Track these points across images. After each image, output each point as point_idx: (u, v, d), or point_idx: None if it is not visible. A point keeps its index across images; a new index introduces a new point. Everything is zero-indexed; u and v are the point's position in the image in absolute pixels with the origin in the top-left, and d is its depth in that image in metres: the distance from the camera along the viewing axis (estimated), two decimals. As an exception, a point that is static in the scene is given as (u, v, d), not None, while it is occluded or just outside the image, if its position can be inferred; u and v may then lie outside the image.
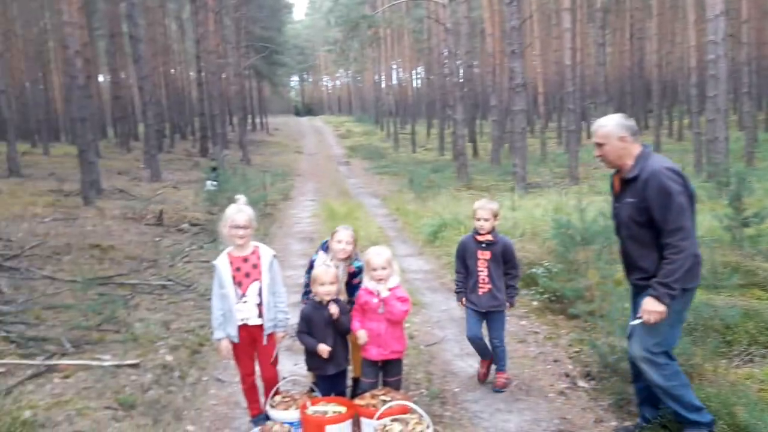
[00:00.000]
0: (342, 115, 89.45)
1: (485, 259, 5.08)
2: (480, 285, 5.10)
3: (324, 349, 4.31)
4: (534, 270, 7.88)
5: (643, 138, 22.53)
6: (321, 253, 4.91)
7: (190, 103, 47.70)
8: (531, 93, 37.12)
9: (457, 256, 5.27)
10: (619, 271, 7.60)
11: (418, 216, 13.29)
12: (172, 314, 6.93)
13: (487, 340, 5.28)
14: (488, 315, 5.15)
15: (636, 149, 3.92)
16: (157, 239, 11.08)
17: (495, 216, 5.10)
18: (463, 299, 5.24)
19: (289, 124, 62.99)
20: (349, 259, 4.83)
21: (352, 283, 4.81)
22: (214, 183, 14.43)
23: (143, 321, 6.51)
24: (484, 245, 5.07)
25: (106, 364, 5.29)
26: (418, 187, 17.49)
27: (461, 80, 24.64)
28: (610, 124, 3.95)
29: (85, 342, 5.86)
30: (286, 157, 33.99)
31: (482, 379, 5.31)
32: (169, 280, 8.33)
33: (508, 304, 5.18)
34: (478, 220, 5.07)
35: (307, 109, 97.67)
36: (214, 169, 15.89)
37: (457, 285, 5.31)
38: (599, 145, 3.99)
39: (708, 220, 10.32)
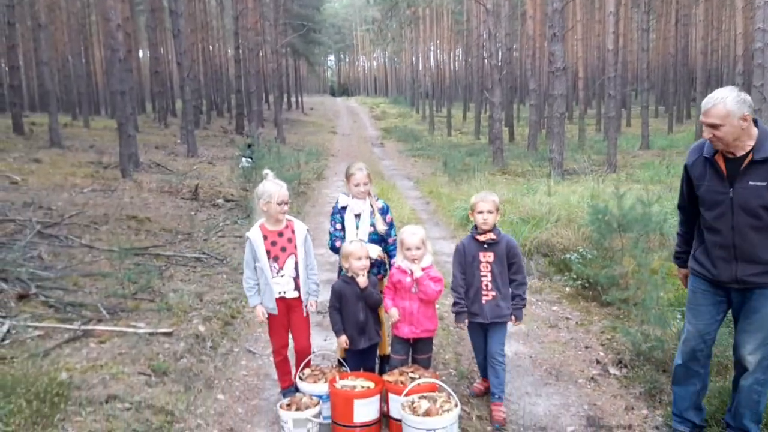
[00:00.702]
0: (377, 96, 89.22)
1: (488, 262, 4.42)
2: (483, 293, 4.41)
3: (342, 340, 4.40)
4: (568, 256, 7.80)
5: (686, 127, 22.05)
6: (342, 195, 4.90)
7: (227, 80, 48.06)
8: (571, 78, 36.55)
9: (456, 263, 4.52)
10: (655, 259, 7.54)
11: (452, 199, 13.21)
12: (206, 286, 7.02)
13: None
14: (489, 327, 4.48)
15: (753, 127, 3.45)
16: (193, 213, 11.21)
17: (497, 209, 4.46)
18: (466, 320, 4.49)
19: (325, 104, 63.07)
20: (369, 195, 4.85)
21: (386, 221, 4.84)
22: (249, 160, 14.52)
23: (177, 291, 6.61)
24: (486, 245, 4.42)
25: (140, 331, 5.39)
26: (452, 171, 17.36)
27: (500, 63, 24.31)
28: (730, 102, 3.36)
29: (120, 309, 5.98)
30: (320, 136, 34.06)
31: (479, 394, 4.73)
32: (204, 253, 8.43)
33: (513, 317, 4.48)
34: (480, 213, 4.39)
35: (343, 89, 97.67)
36: (249, 146, 15.98)
37: (457, 302, 4.47)
38: (714, 126, 3.39)
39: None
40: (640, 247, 6.84)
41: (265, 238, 4.40)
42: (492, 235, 4.41)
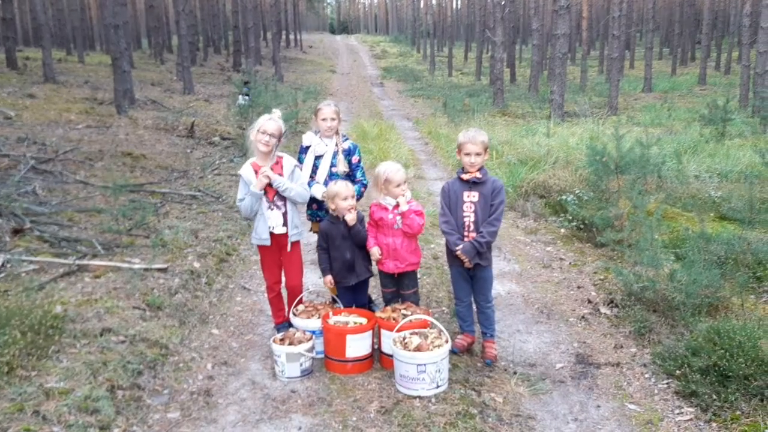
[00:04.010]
0: (378, 34, 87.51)
1: (472, 202, 4.23)
2: (465, 234, 4.24)
3: (327, 280, 4.47)
4: (564, 197, 7.78)
5: (689, 70, 21.64)
6: (309, 133, 4.80)
7: (225, 16, 47.00)
8: (574, 17, 35.75)
9: (442, 204, 4.38)
10: (651, 202, 7.54)
11: (451, 140, 13.08)
12: (201, 223, 7.03)
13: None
14: (474, 271, 4.33)
15: None
16: (189, 151, 11.13)
17: (486, 149, 4.24)
18: (460, 245, 4.22)
19: (324, 42, 61.89)
20: (337, 135, 4.76)
21: (352, 162, 4.76)
22: (246, 97, 14.31)
23: (172, 228, 6.61)
24: (470, 184, 4.25)
25: (135, 266, 5.41)
26: (452, 111, 17.17)
27: (503, 1, 23.73)
28: None
29: (115, 245, 5.99)
30: (319, 75, 33.53)
31: (462, 351, 4.45)
32: (199, 190, 8.40)
33: (462, 245, 4.18)
34: (468, 155, 4.18)
35: (343, 27, 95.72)
36: (246, 83, 15.73)
37: (448, 229, 4.28)
38: None
39: (749, 155, 10.04)
40: (637, 189, 6.83)
41: (256, 173, 4.37)
42: (477, 174, 4.22)
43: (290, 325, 4.44)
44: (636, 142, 7.36)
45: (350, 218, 4.33)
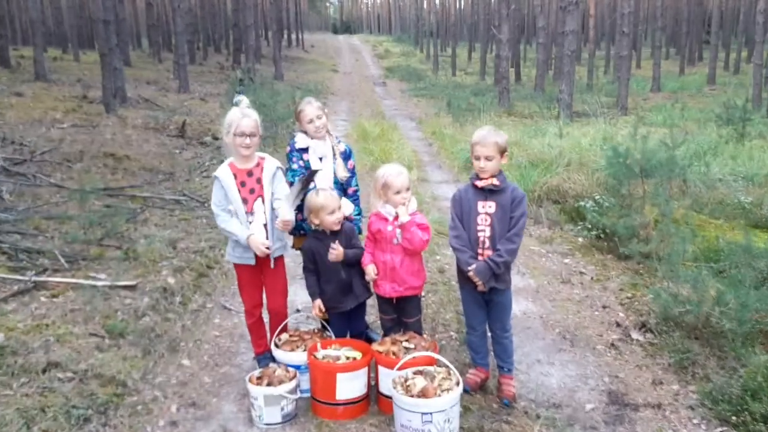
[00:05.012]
0: (381, 34, 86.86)
1: (487, 213, 3.54)
2: (479, 251, 3.56)
3: (317, 305, 3.77)
4: (582, 203, 7.10)
5: (697, 70, 21.06)
6: (301, 134, 4.12)
7: (226, 15, 46.35)
8: (581, 15, 35.03)
9: (453, 215, 3.69)
10: (678, 208, 6.86)
11: (455, 140, 12.44)
12: (182, 232, 6.36)
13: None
14: (490, 295, 3.66)
15: None
16: (177, 151, 10.47)
17: (502, 152, 3.52)
18: (472, 265, 3.54)
19: (326, 42, 61.22)
20: (329, 135, 4.14)
21: (349, 167, 4.15)
22: (241, 96, 13.65)
23: (149, 238, 5.94)
24: (485, 192, 3.58)
25: (99, 284, 4.75)
26: (456, 111, 16.50)
27: (508, -2, 23.01)
28: None
29: (82, 257, 5.33)
30: (320, 74, 32.83)
31: (474, 389, 3.78)
32: (184, 194, 7.74)
33: (471, 270, 3.51)
34: (477, 159, 3.52)
35: (345, 27, 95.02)
36: (241, 81, 15.10)
37: (459, 245, 3.60)
38: None
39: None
40: (663, 195, 6.16)
41: (234, 177, 3.71)
42: (494, 181, 3.52)
43: (273, 357, 3.78)
44: (660, 143, 6.70)
45: (336, 253, 3.67)
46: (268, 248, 3.62)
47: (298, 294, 4.95)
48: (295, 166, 4.03)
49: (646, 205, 6.44)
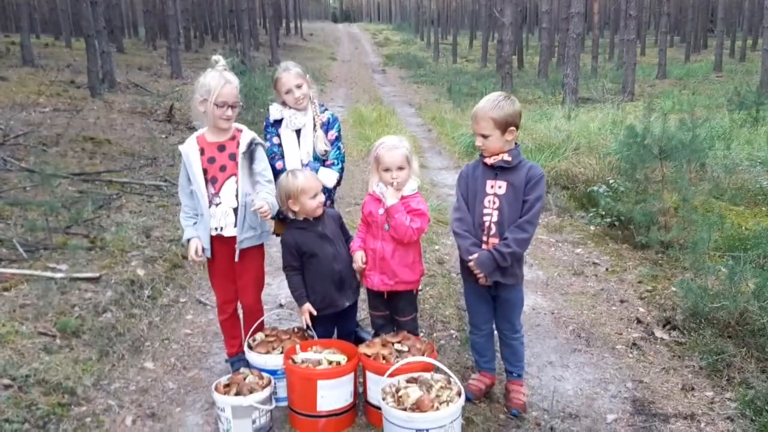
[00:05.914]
0: (381, 22, 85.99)
1: (496, 195, 3.02)
2: (484, 238, 3.05)
3: (306, 309, 3.22)
4: (593, 188, 6.58)
5: (702, 57, 20.51)
6: (276, 105, 3.63)
7: (223, 3, 45.67)
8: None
9: (458, 194, 3.20)
10: (698, 194, 6.35)
11: (456, 126, 11.92)
12: (159, 219, 5.84)
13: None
14: (497, 290, 3.14)
15: None
16: (164, 136, 9.95)
17: (504, 128, 2.96)
18: (474, 254, 3.02)
19: (325, 30, 60.49)
20: (313, 104, 3.63)
21: (329, 138, 3.62)
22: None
23: (121, 225, 5.43)
24: (495, 170, 3.06)
25: (58, 275, 4.24)
26: (457, 96, 15.95)
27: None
28: None
29: (43, 247, 4.82)
30: (319, 62, 32.20)
31: (478, 396, 3.27)
32: (165, 180, 7.22)
33: (473, 260, 3.00)
34: (474, 135, 3.10)
35: (345, 16, 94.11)
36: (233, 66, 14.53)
37: (461, 230, 3.08)
38: None
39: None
40: (685, 178, 5.65)
41: (202, 152, 3.18)
42: (505, 157, 2.99)
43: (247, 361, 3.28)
44: (681, 124, 6.18)
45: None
46: (198, 259, 3.20)
47: (282, 287, 4.44)
48: (268, 144, 3.51)
49: (665, 191, 5.93)
